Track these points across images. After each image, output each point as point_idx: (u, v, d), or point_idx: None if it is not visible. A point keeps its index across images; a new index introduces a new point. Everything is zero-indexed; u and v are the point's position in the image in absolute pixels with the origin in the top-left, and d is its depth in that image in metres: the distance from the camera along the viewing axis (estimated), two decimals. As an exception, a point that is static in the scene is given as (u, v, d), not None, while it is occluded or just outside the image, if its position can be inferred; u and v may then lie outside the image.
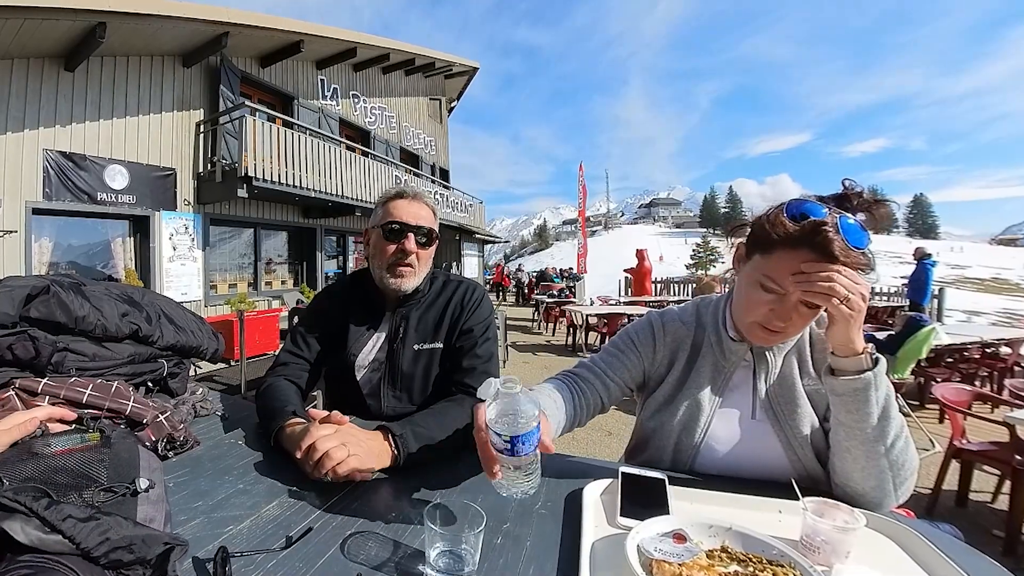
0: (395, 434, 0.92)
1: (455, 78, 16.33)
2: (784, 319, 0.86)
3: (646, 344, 1.10)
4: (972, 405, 2.81)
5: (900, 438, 0.81)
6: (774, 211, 0.87)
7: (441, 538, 0.58)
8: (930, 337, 4.10)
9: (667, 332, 1.09)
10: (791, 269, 0.82)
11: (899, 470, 0.81)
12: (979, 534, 2.48)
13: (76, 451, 0.69)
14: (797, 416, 0.94)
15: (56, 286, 1.05)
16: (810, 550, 0.64)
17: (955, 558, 0.62)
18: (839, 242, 0.77)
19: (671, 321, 1.10)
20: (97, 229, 6.82)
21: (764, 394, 0.98)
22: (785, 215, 0.84)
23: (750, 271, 0.91)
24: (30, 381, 0.92)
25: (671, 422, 1.01)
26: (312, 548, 0.66)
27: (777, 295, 0.85)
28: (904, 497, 0.83)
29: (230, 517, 0.73)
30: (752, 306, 0.90)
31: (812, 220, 0.80)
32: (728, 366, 1.01)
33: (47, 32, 5.46)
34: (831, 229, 0.78)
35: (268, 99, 9.38)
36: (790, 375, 0.97)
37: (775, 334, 0.89)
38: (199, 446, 1.01)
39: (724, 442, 0.98)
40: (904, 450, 0.81)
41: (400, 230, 1.24)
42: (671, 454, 1.01)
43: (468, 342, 1.25)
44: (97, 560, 0.51)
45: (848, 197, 0.84)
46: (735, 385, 1.02)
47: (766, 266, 0.87)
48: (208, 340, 1.32)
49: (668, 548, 0.59)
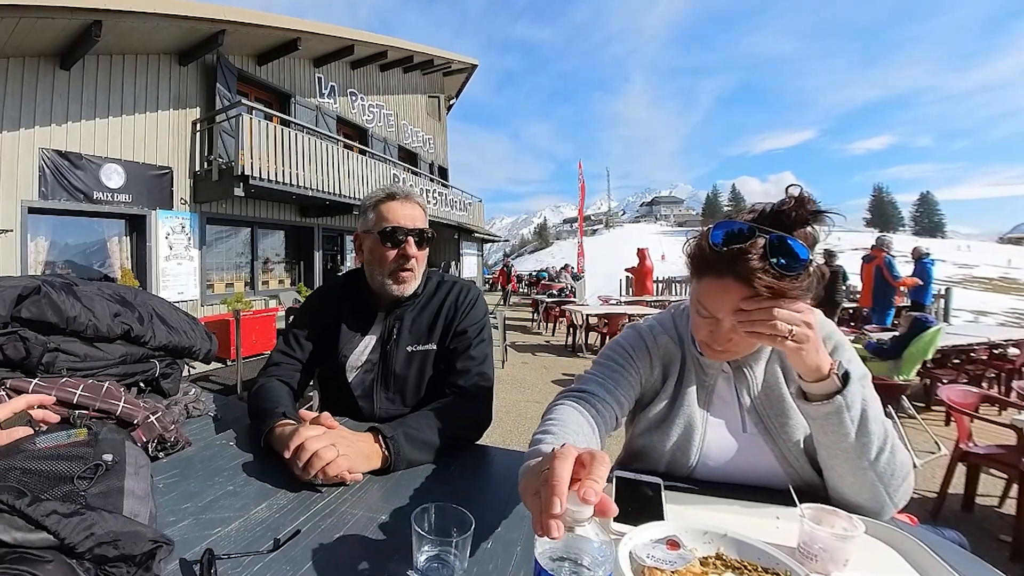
0: (386, 436, 0.91)
1: (454, 75, 16.30)
2: (722, 343, 0.85)
3: (643, 358, 1.05)
4: (979, 407, 2.76)
5: (884, 450, 0.78)
6: (702, 234, 0.84)
7: (429, 542, 0.57)
8: (936, 338, 4.06)
9: (659, 345, 1.05)
10: (719, 296, 0.81)
11: (889, 479, 0.78)
12: (986, 539, 2.44)
13: (62, 447, 0.69)
14: (788, 427, 0.91)
15: (47, 286, 1.05)
16: (807, 558, 0.63)
17: (957, 567, 0.61)
18: (761, 271, 0.73)
19: (661, 334, 1.06)
20: (93, 228, 6.80)
21: (751, 406, 0.96)
22: (708, 240, 0.80)
23: (692, 292, 0.90)
24: (21, 381, 0.92)
25: (664, 442, 0.98)
26: (300, 551, 0.65)
27: (713, 318, 0.84)
28: (902, 502, 0.81)
29: (218, 519, 0.73)
30: (695, 326, 0.91)
31: (731, 249, 0.76)
32: (709, 379, 0.99)
33: (43, 31, 5.44)
34: (754, 256, 0.74)
35: (265, 97, 9.36)
36: (776, 385, 0.95)
37: (722, 352, 0.88)
38: (190, 447, 1.01)
39: (718, 457, 0.95)
40: (891, 460, 0.78)
41: (402, 235, 1.22)
42: (661, 472, 0.96)
43: (462, 344, 1.24)
44: (82, 556, 0.50)
45: (786, 211, 0.77)
46: (721, 398, 0.99)
47: (699, 290, 0.86)
48: (201, 340, 1.31)
49: (661, 555, 0.58)
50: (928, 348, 4.08)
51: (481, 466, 0.98)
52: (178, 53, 7.45)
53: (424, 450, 0.96)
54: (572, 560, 0.47)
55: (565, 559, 0.47)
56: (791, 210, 0.76)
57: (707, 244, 0.81)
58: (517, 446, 1.25)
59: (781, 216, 0.77)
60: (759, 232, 0.76)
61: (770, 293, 0.75)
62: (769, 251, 0.74)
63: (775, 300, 0.75)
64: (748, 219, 0.80)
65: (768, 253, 0.74)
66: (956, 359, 5.01)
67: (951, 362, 4.95)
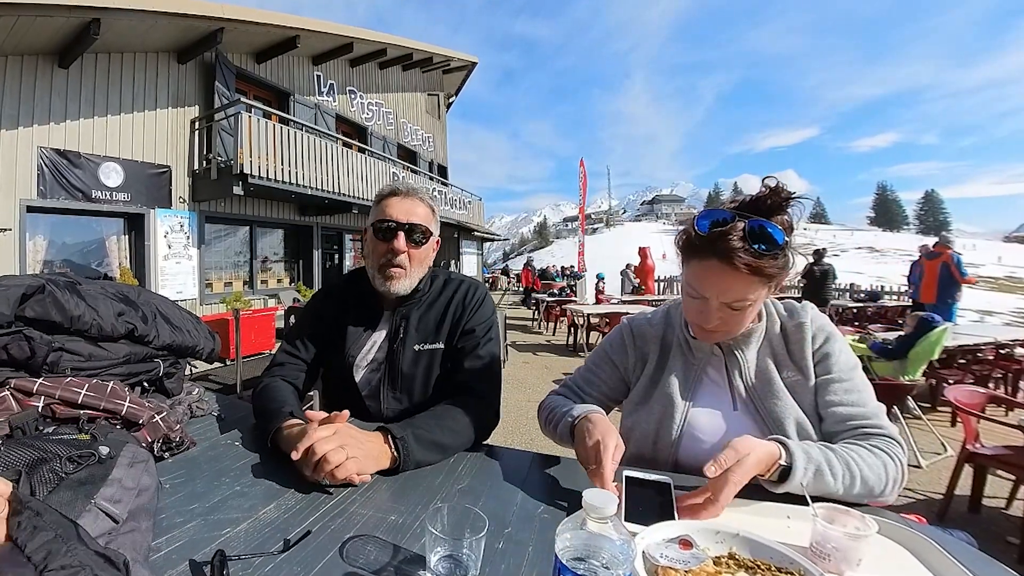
0: (396, 436, 0.91)
1: (453, 73, 16.26)
2: (710, 321, 0.92)
3: (619, 353, 1.17)
4: (985, 408, 2.73)
5: (853, 486, 0.80)
6: (688, 222, 0.93)
7: (442, 543, 0.57)
8: (943, 338, 4.01)
9: (636, 336, 1.15)
10: (704, 277, 0.90)
11: (867, 495, 0.82)
12: (993, 541, 2.41)
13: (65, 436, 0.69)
14: (777, 410, 0.95)
15: (52, 285, 1.04)
16: (820, 557, 0.63)
17: (970, 566, 0.60)
18: (742, 251, 0.82)
19: (639, 325, 1.17)
20: (92, 227, 6.78)
21: (743, 389, 1.00)
22: (696, 226, 0.89)
23: (682, 277, 0.98)
24: (25, 381, 0.91)
25: (647, 419, 1.04)
26: (310, 552, 0.65)
27: (701, 299, 0.91)
28: (892, 498, 0.84)
29: (227, 520, 0.72)
30: (686, 309, 0.99)
31: (714, 231, 0.86)
32: (697, 363, 1.05)
33: (41, 29, 5.41)
34: (734, 237, 0.83)
35: (264, 95, 9.33)
36: (766, 370, 0.99)
37: (711, 333, 0.95)
38: (195, 447, 1.00)
39: (707, 435, 0.99)
40: (864, 483, 0.81)
41: (390, 229, 1.20)
42: (651, 449, 1.03)
43: (470, 343, 1.23)
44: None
45: (763, 198, 0.86)
46: (712, 380, 1.04)
47: (687, 274, 0.95)
48: (204, 340, 1.31)
49: (674, 554, 0.58)
50: (934, 348, 4.03)
51: (489, 465, 0.97)
52: (176, 51, 7.41)
53: (433, 450, 0.95)
54: (592, 558, 0.47)
55: (585, 559, 0.47)
56: (767, 198, 0.86)
57: (693, 230, 0.90)
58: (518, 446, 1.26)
59: (758, 203, 0.86)
60: (739, 217, 0.85)
61: (748, 271, 0.83)
62: (748, 234, 0.83)
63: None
64: (730, 208, 0.89)
65: (747, 236, 0.83)
66: (962, 359, 4.97)
67: (957, 362, 4.90)
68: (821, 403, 0.95)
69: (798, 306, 1.05)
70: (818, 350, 0.98)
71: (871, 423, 0.90)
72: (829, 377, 0.95)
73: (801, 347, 0.99)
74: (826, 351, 0.97)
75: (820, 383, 0.96)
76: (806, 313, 1.02)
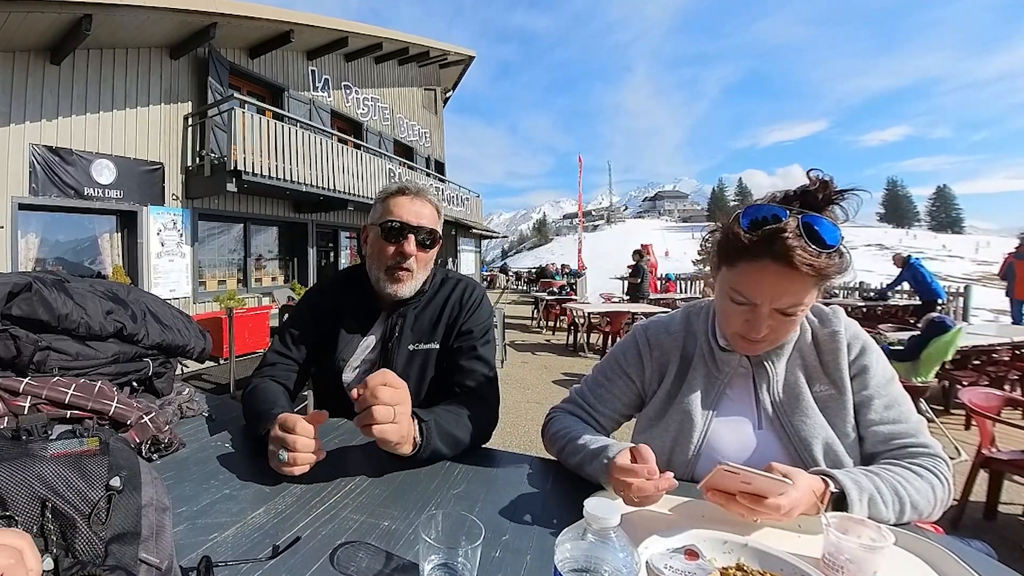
0: (423, 419, 0.89)
1: (450, 67, 16.18)
2: (759, 330, 0.84)
3: (635, 366, 1.06)
4: (1002, 411, 2.63)
5: (903, 513, 0.76)
6: (732, 220, 0.84)
7: (437, 551, 0.55)
8: (957, 338, 3.89)
9: (653, 346, 1.05)
10: (756, 281, 0.81)
11: (915, 519, 0.78)
12: (1010, 549, 2.33)
13: (74, 454, 0.64)
14: (805, 429, 0.88)
15: (39, 283, 1.02)
16: (833, 569, 0.60)
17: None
18: (800, 249, 0.74)
19: (655, 333, 1.06)
20: (84, 224, 6.72)
21: (769, 405, 0.93)
22: (741, 225, 0.81)
23: (721, 282, 0.89)
24: (11, 380, 0.89)
25: (663, 436, 0.96)
26: (300, 558, 0.63)
27: (749, 305, 0.83)
28: (937, 515, 0.80)
29: (215, 524, 0.70)
30: (727, 317, 0.89)
31: (766, 229, 0.77)
32: (722, 376, 0.96)
33: (32, 25, 5.35)
34: (790, 235, 0.75)
35: (258, 91, 9.27)
36: (795, 384, 0.92)
37: (757, 343, 0.87)
38: (184, 448, 0.98)
39: (728, 455, 0.91)
40: (914, 508, 0.76)
41: (400, 230, 1.17)
42: (664, 468, 0.97)
43: (467, 343, 1.21)
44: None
45: (812, 192, 0.79)
46: (735, 395, 0.96)
47: (733, 278, 0.85)
48: (195, 339, 1.28)
49: (679, 565, 0.56)
50: (948, 349, 3.90)
51: (485, 469, 0.95)
52: (169, 47, 7.35)
53: (448, 443, 0.93)
54: (593, 571, 0.45)
55: (586, 570, 0.44)
56: (817, 191, 0.79)
57: (739, 230, 0.81)
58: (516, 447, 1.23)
59: (808, 197, 0.79)
60: (791, 213, 0.77)
61: (811, 271, 0.75)
62: (803, 230, 0.75)
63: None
64: (779, 203, 0.80)
65: (803, 232, 0.75)
66: (977, 360, 4.77)
67: (971, 363, 4.72)
68: (861, 422, 0.88)
69: (828, 311, 0.96)
70: (854, 362, 0.91)
71: (915, 441, 0.85)
72: (867, 394, 0.89)
73: (836, 358, 0.91)
74: (863, 363, 0.90)
75: (859, 401, 0.89)
76: (839, 320, 0.94)
